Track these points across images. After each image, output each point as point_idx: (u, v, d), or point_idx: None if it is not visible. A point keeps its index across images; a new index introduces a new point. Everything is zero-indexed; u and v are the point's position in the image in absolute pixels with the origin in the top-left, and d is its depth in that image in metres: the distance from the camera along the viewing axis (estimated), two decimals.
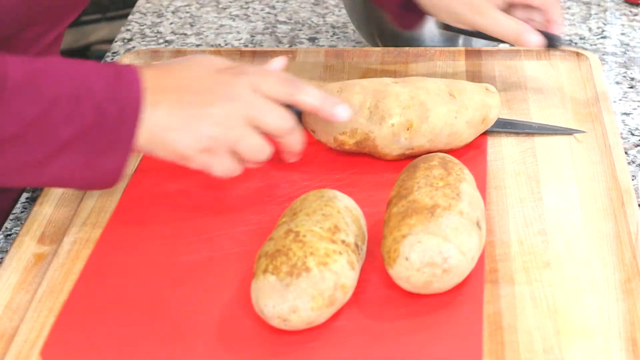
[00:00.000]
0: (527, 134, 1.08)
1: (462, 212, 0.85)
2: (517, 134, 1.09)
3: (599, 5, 1.49)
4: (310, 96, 0.95)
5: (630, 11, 1.47)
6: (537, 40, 1.10)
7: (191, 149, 0.90)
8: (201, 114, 0.90)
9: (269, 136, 0.93)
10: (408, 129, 1.01)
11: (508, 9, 1.13)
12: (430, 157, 0.92)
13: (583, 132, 1.08)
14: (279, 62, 1.00)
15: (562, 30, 1.13)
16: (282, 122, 0.93)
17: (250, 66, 0.97)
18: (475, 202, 0.88)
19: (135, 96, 0.88)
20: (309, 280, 0.80)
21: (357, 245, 0.86)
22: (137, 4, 1.55)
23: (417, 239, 0.83)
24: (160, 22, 1.48)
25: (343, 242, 0.84)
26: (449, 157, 0.93)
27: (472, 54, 1.25)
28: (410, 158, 1.03)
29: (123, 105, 0.87)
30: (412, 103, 1.01)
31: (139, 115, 0.88)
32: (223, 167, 0.92)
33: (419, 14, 1.16)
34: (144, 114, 0.88)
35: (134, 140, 0.88)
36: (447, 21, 1.13)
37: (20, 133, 0.85)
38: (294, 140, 0.95)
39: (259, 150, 0.92)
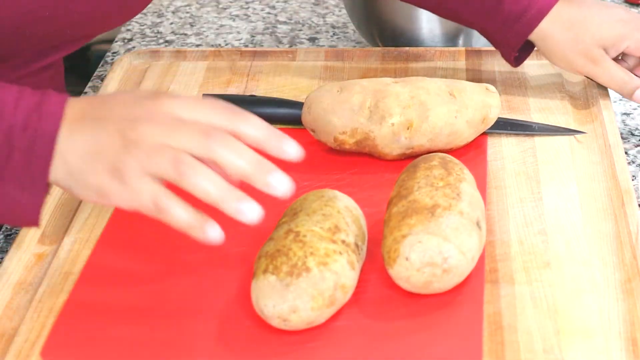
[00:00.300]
0: (527, 134, 1.08)
1: (462, 212, 0.85)
2: (517, 134, 1.09)
3: None
4: (253, 127, 0.79)
5: None
6: None
7: (105, 179, 0.78)
8: (113, 138, 0.78)
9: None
10: (408, 129, 1.01)
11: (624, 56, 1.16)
12: (431, 157, 0.92)
13: (583, 132, 1.08)
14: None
15: None
16: (202, 137, 0.77)
17: (182, 95, 0.83)
18: (475, 202, 0.88)
19: (50, 128, 0.79)
20: (309, 280, 0.80)
21: (357, 245, 0.86)
22: None
23: (417, 239, 0.83)
24: (161, 22, 1.48)
25: (343, 242, 0.84)
26: (449, 157, 0.93)
27: (472, 54, 1.25)
28: (410, 158, 1.03)
29: (35, 136, 0.79)
30: (412, 103, 1.01)
31: (52, 148, 0.79)
32: (141, 197, 0.77)
33: (529, 52, 1.17)
34: (60, 144, 0.79)
35: (45, 176, 0.79)
36: (561, 67, 1.15)
37: None
38: (231, 151, 0.77)
39: (171, 167, 0.77)
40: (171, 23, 1.47)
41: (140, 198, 0.77)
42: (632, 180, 1.03)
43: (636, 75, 1.13)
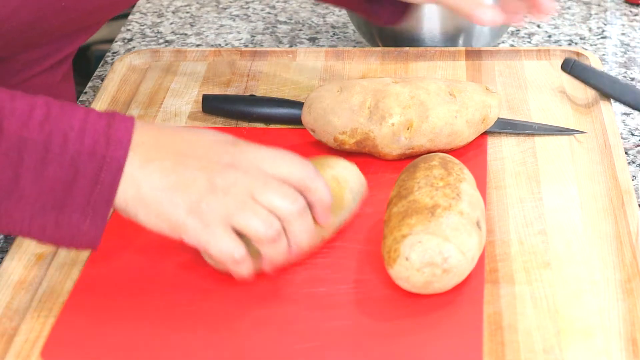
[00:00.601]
0: (527, 134, 1.08)
1: (462, 212, 0.85)
2: (517, 134, 1.09)
3: (599, 5, 1.49)
4: (321, 188, 0.84)
5: (630, 11, 1.47)
6: (491, 15, 1.02)
7: (182, 215, 0.80)
8: (199, 178, 0.80)
9: None
10: (408, 129, 1.01)
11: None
12: (431, 157, 0.92)
13: (583, 132, 1.08)
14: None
15: (549, 13, 1.04)
16: (289, 201, 0.81)
17: (260, 145, 0.85)
18: (475, 202, 0.88)
19: (118, 155, 0.79)
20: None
21: None
22: (137, 4, 1.55)
23: (417, 239, 0.83)
24: (161, 22, 1.48)
25: None
26: (449, 157, 0.93)
27: (472, 54, 1.25)
28: (410, 158, 1.03)
29: (102, 164, 0.78)
30: (412, 103, 1.01)
31: (117, 179, 0.79)
32: (219, 242, 0.80)
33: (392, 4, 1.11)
34: (132, 171, 0.79)
35: (110, 203, 0.79)
36: None
37: None
38: (303, 228, 0.83)
39: (262, 225, 0.80)
40: (171, 23, 1.47)
41: (218, 245, 0.81)
42: (632, 180, 1.03)
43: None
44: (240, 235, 0.81)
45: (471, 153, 1.05)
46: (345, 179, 0.93)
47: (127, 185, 0.79)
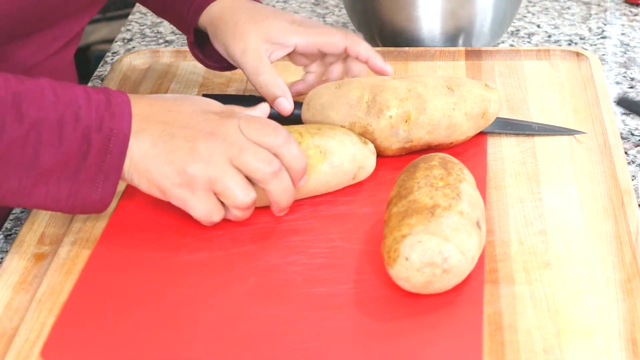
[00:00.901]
0: (527, 134, 1.08)
1: (462, 212, 0.85)
2: (517, 134, 1.09)
3: (599, 5, 1.49)
4: (292, 153, 0.92)
5: (630, 11, 1.47)
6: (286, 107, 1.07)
7: (169, 181, 0.89)
8: (183, 146, 0.89)
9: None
10: (406, 121, 1.01)
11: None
12: (431, 157, 0.92)
13: (583, 132, 1.08)
14: (263, 108, 0.97)
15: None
16: (265, 164, 0.90)
17: (239, 109, 0.94)
18: (475, 202, 0.88)
19: (123, 127, 0.87)
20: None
21: None
22: (137, 4, 1.55)
23: (417, 239, 0.83)
24: (161, 22, 1.48)
25: None
26: (449, 157, 0.93)
27: (472, 54, 1.25)
28: (410, 154, 1.03)
29: (110, 136, 0.87)
30: (410, 95, 1.01)
31: (126, 147, 0.87)
32: (202, 206, 0.90)
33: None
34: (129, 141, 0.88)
35: (119, 172, 0.88)
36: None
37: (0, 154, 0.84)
38: (280, 187, 0.92)
39: (240, 192, 0.90)
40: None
41: (201, 208, 0.90)
42: (632, 180, 1.03)
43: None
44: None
45: (471, 153, 1.05)
46: (331, 152, 0.96)
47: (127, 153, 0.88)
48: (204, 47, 1.14)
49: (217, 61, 1.14)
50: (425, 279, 0.83)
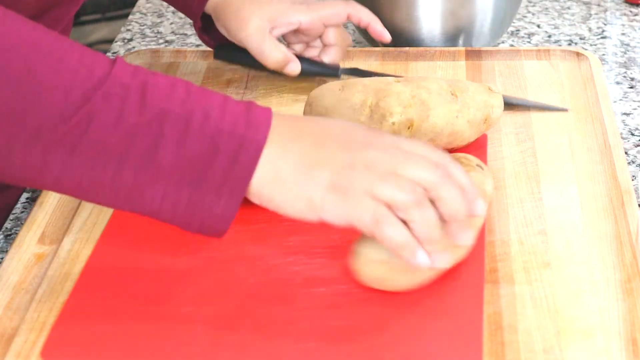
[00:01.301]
0: (527, 134, 1.08)
1: None
2: (517, 134, 1.09)
3: (599, 5, 1.49)
4: (461, 174, 0.81)
5: (630, 11, 1.47)
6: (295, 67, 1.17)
7: (321, 191, 0.78)
8: (338, 155, 0.79)
9: None
10: (409, 128, 1.01)
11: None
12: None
13: (564, 110, 1.12)
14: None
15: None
16: (433, 171, 0.79)
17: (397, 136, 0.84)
18: None
19: (258, 137, 0.78)
20: None
21: None
22: (137, 4, 1.55)
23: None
24: (161, 22, 1.48)
25: None
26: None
27: (472, 54, 1.25)
28: None
29: (243, 143, 0.77)
30: (413, 102, 1.01)
31: (258, 158, 0.78)
32: (364, 209, 0.78)
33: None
34: (271, 154, 0.78)
35: (247, 184, 0.78)
36: (226, 35, 1.17)
37: (111, 142, 0.76)
38: (452, 196, 0.79)
39: (406, 194, 0.78)
40: (171, 23, 1.47)
41: (362, 213, 0.78)
42: (632, 180, 1.03)
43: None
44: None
45: (471, 153, 1.05)
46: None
47: (265, 169, 0.78)
48: (209, 30, 1.20)
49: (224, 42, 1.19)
50: (378, 275, 0.83)
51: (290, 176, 0.78)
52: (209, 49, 1.28)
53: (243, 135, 0.77)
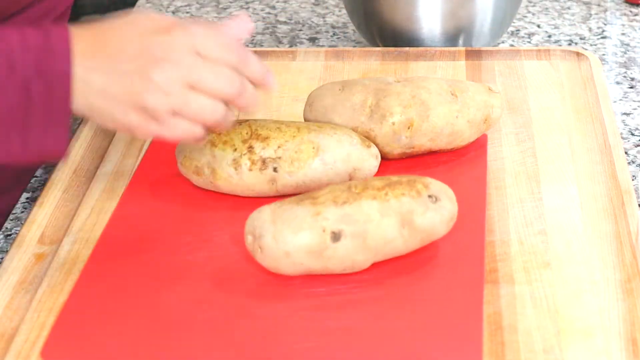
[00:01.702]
0: (527, 134, 1.08)
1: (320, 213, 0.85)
2: (517, 134, 1.09)
3: (599, 5, 1.49)
4: (255, 72, 0.88)
5: (630, 11, 1.47)
6: None
7: (133, 120, 0.84)
8: (137, 82, 0.83)
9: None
10: (409, 128, 1.01)
11: None
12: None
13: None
14: (242, 24, 0.91)
15: None
16: (227, 85, 0.86)
17: (191, 23, 0.87)
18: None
19: (63, 67, 0.82)
20: None
21: None
22: (137, 4, 1.55)
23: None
24: None
25: None
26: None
27: (472, 54, 1.25)
28: (412, 157, 1.03)
29: (50, 80, 0.81)
30: (413, 102, 1.01)
31: (69, 90, 0.82)
32: (175, 131, 0.85)
33: None
34: (77, 82, 0.82)
35: (68, 113, 0.83)
36: None
37: None
38: (246, 102, 0.88)
39: (208, 112, 0.85)
40: None
41: (176, 134, 0.86)
42: (632, 180, 1.03)
43: None
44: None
45: (471, 153, 1.05)
46: (324, 149, 0.96)
47: (77, 94, 0.83)
48: None
49: None
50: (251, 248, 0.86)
51: (98, 103, 0.84)
52: None
53: (49, 71, 0.81)
